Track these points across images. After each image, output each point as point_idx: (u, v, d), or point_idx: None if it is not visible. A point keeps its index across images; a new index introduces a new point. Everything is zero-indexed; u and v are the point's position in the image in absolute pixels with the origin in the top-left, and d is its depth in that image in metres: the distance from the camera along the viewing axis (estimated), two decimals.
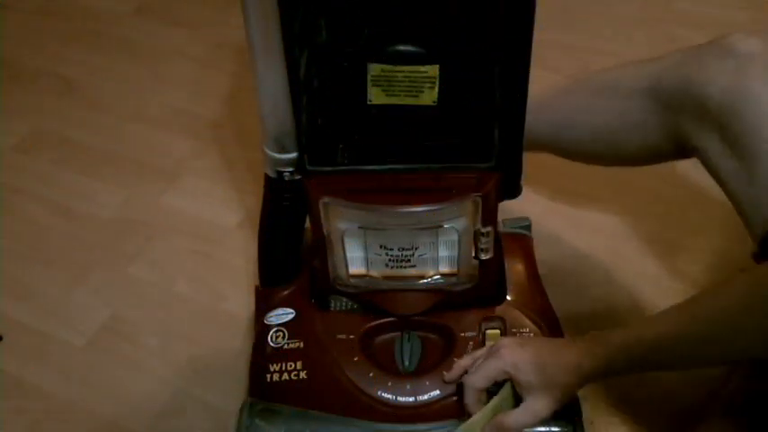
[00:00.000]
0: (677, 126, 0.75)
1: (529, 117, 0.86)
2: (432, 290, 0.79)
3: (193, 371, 0.92)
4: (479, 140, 0.72)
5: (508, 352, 0.73)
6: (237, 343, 0.93)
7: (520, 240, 0.89)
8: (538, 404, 0.71)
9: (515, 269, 0.85)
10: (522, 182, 0.76)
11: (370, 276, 0.79)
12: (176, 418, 0.87)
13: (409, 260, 0.77)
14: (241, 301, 0.97)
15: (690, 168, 0.85)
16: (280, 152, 0.76)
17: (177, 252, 1.05)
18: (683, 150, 0.77)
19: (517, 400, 0.73)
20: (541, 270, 0.88)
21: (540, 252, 0.90)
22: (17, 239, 1.07)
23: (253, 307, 0.91)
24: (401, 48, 0.66)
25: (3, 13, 1.46)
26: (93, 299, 1.00)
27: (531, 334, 0.80)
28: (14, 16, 1.46)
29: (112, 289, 1.01)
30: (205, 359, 0.93)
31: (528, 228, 0.91)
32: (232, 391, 0.88)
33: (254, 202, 1.05)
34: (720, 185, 0.74)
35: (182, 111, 1.26)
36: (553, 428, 0.74)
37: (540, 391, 0.71)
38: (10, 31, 1.42)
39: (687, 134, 0.74)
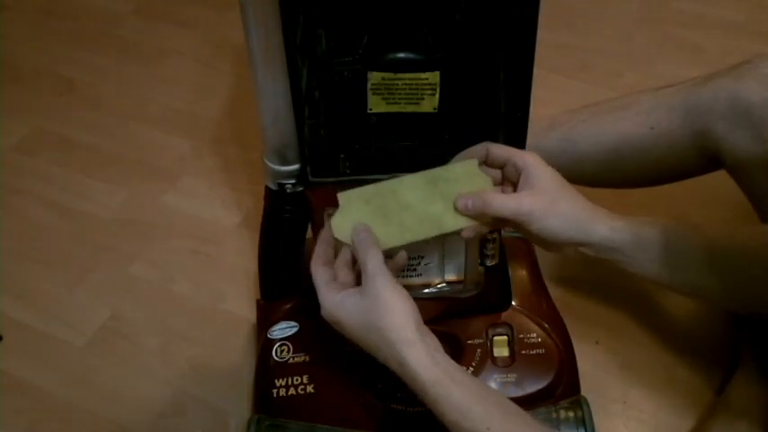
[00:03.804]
0: (707, 129, 0.76)
1: (539, 135, 0.86)
2: (437, 298, 0.79)
3: (193, 371, 0.92)
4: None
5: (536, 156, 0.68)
6: (238, 343, 0.93)
7: (522, 244, 0.89)
8: (532, 201, 0.66)
9: (519, 274, 0.85)
10: None
11: None
12: (176, 419, 0.87)
13: (415, 269, 0.77)
14: (241, 301, 0.97)
15: None
16: (281, 164, 0.75)
17: (177, 252, 1.05)
18: (708, 159, 0.78)
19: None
20: (543, 273, 0.88)
21: (541, 254, 0.90)
22: (17, 239, 1.07)
23: (253, 307, 0.91)
24: (401, 55, 0.66)
25: (3, 13, 1.46)
26: (93, 299, 1.00)
27: (539, 339, 0.80)
28: (14, 16, 1.46)
29: (112, 289, 1.01)
30: (205, 359, 0.93)
31: None
32: (232, 391, 0.88)
33: (254, 202, 1.05)
34: (746, 185, 0.75)
35: (182, 111, 1.26)
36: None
37: (543, 193, 0.66)
38: (10, 31, 1.42)
39: (717, 137, 0.75)
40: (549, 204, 0.66)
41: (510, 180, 0.69)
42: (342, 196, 0.67)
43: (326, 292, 0.65)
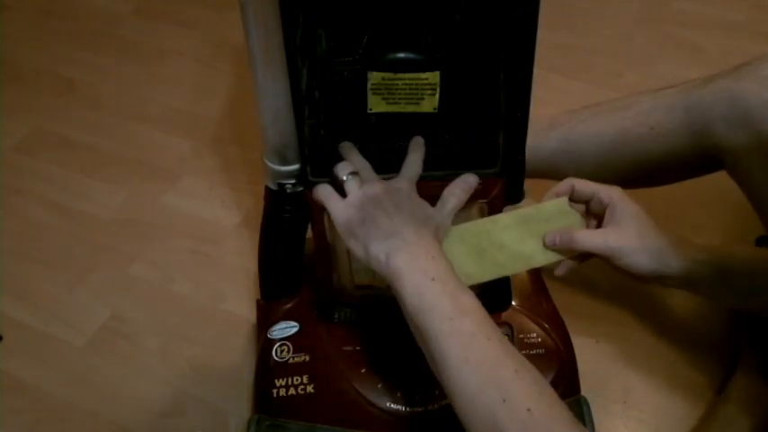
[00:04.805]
0: (706, 130, 0.77)
1: (540, 135, 0.86)
2: None
3: (193, 371, 0.92)
4: (483, 146, 0.72)
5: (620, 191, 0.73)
6: (238, 343, 0.93)
7: None
8: (618, 238, 0.70)
9: (519, 274, 0.84)
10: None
11: (376, 286, 0.78)
12: (176, 419, 0.87)
13: None
14: (241, 301, 0.97)
15: None
16: (281, 164, 0.75)
17: (177, 252, 1.05)
18: (708, 159, 0.78)
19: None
20: (543, 273, 0.88)
21: None
22: (17, 239, 1.07)
23: (253, 307, 0.91)
24: (401, 55, 0.66)
25: (3, 13, 1.46)
26: (93, 299, 1.00)
27: (539, 339, 0.80)
28: (14, 16, 1.46)
29: (112, 289, 1.01)
30: (205, 359, 0.93)
31: None
32: (232, 391, 0.88)
33: (254, 202, 1.05)
34: (746, 185, 0.76)
35: (182, 111, 1.26)
36: None
37: (628, 229, 0.70)
38: (10, 31, 1.42)
39: (717, 137, 0.76)
40: (635, 240, 0.71)
41: (594, 214, 0.74)
42: None
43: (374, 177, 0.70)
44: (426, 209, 0.68)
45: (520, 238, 0.72)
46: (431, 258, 0.63)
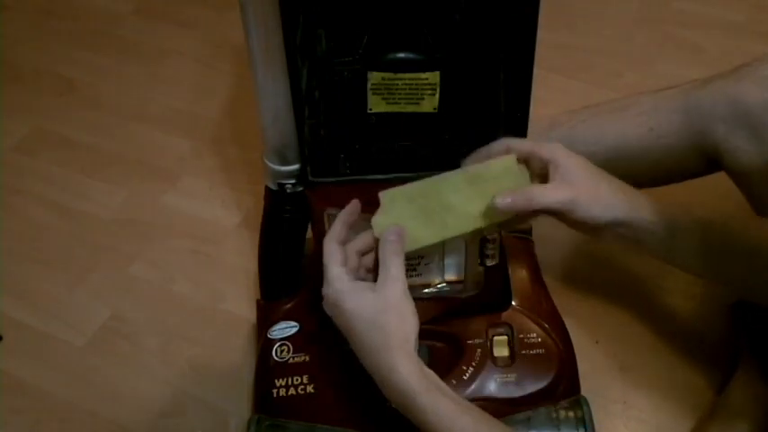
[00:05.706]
0: (706, 131, 0.76)
1: (540, 135, 0.86)
2: (437, 298, 0.79)
3: (193, 371, 0.92)
4: (483, 146, 0.72)
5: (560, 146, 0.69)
6: (238, 343, 0.93)
7: (522, 244, 0.89)
8: (573, 190, 0.67)
9: (519, 274, 0.84)
10: None
11: None
12: (176, 419, 0.87)
13: (415, 269, 0.77)
14: (241, 301, 0.97)
15: None
16: (281, 164, 0.75)
17: (177, 252, 1.05)
18: (707, 160, 0.78)
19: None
20: (543, 273, 0.88)
21: (541, 254, 0.90)
22: (17, 239, 1.07)
23: (253, 307, 0.91)
24: (401, 55, 0.66)
25: (3, 13, 1.46)
26: (93, 299, 1.00)
27: (539, 339, 0.80)
28: (14, 16, 1.46)
29: (112, 289, 1.01)
30: (205, 359, 0.93)
31: (529, 231, 0.91)
32: (232, 391, 0.88)
33: (254, 202, 1.05)
34: (745, 186, 0.76)
35: (182, 111, 1.26)
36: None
37: (581, 180, 0.67)
38: (10, 31, 1.42)
39: (716, 139, 0.75)
40: (591, 190, 0.67)
41: (534, 173, 0.70)
42: (384, 195, 0.67)
43: (339, 274, 0.65)
44: (382, 330, 0.63)
45: (467, 198, 0.69)
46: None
